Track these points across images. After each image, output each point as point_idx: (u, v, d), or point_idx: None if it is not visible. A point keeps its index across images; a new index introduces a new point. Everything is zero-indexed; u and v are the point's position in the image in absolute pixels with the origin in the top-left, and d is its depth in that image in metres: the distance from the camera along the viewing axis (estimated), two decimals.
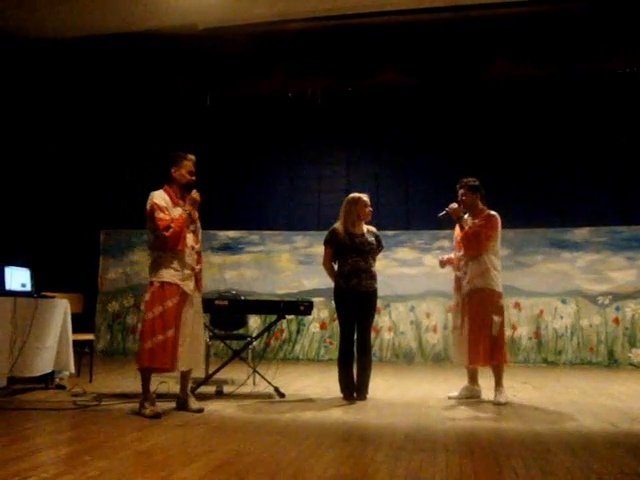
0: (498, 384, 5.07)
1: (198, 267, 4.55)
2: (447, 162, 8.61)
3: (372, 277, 5.17)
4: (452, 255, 5.45)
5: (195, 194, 4.54)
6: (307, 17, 7.31)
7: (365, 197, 5.28)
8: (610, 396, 5.48)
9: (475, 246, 5.06)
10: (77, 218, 9.13)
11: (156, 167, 8.78)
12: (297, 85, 8.53)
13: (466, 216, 5.27)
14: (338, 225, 5.21)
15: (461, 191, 5.23)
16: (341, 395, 5.11)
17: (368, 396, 5.18)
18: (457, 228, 5.34)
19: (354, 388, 5.09)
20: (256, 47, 7.69)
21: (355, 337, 5.17)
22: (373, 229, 5.34)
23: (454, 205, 5.21)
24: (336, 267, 5.26)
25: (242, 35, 7.55)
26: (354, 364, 5.15)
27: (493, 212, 5.20)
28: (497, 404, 4.92)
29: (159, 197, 4.43)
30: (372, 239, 5.22)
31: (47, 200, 8.85)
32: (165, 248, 4.35)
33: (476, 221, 5.13)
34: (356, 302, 5.11)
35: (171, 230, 4.31)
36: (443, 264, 5.44)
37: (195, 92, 8.72)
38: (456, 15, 7.15)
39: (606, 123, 8.49)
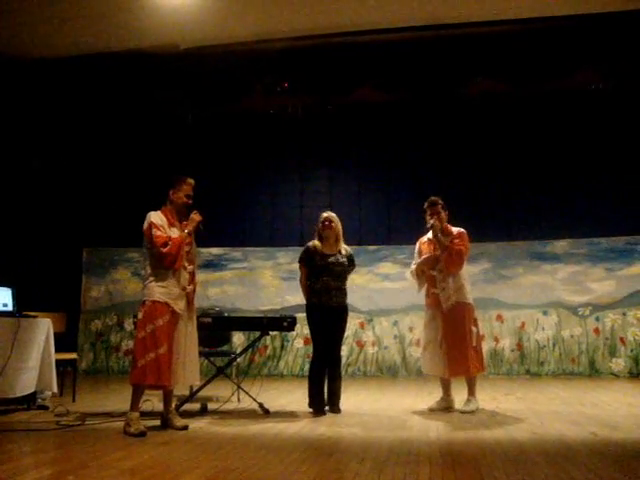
0: (471, 393, 5.25)
1: (190, 287, 4.61)
2: (428, 178, 8.71)
3: (343, 294, 5.31)
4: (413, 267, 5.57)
5: (196, 215, 4.61)
6: (287, 37, 7.40)
7: (325, 213, 5.42)
8: (591, 405, 5.56)
9: (459, 264, 5.25)
10: (59, 236, 9.08)
11: (138, 185, 8.84)
12: (278, 102, 8.62)
13: (430, 235, 5.42)
14: (310, 244, 5.37)
15: (436, 208, 5.34)
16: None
17: (352, 410, 5.24)
18: (424, 244, 5.47)
19: (324, 402, 5.18)
20: (237, 66, 7.76)
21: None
22: (348, 249, 5.44)
23: (436, 222, 5.31)
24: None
25: (223, 54, 7.63)
26: (325, 378, 5.24)
27: (461, 229, 5.40)
28: (464, 412, 5.09)
29: (156, 217, 4.53)
30: (344, 260, 5.33)
31: (28, 218, 8.79)
32: (162, 266, 4.42)
33: (456, 240, 5.28)
34: (327, 317, 5.22)
35: (168, 247, 4.39)
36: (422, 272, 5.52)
37: (177, 111, 8.77)
38: (434, 34, 7.28)
39: (582, 137, 8.65)
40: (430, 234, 5.40)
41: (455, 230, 5.38)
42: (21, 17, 7.02)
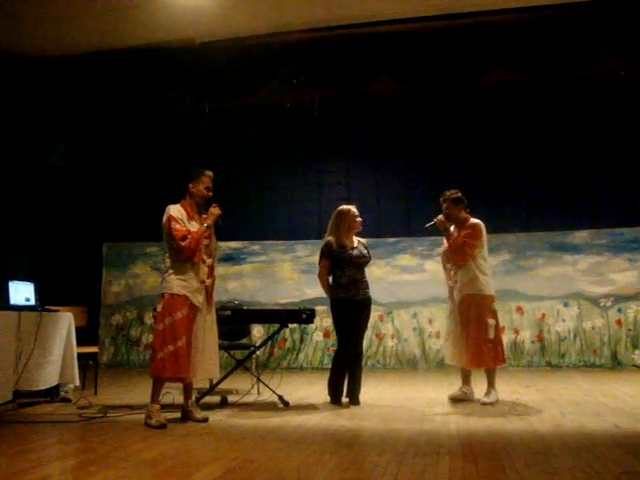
0: (490, 385, 5.23)
1: (209, 281, 4.62)
2: (446, 169, 8.64)
3: (367, 286, 5.32)
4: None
5: (215, 209, 4.62)
6: (303, 29, 7.38)
7: (354, 208, 5.38)
8: (613, 397, 5.50)
9: (461, 256, 5.25)
10: (80, 231, 9.18)
11: (158, 180, 8.89)
12: (294, 95, 8.59)
13: (452, 228, 5.43)
14: (331, 238, 5.30)
15: (445, 204, 5.38)
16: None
17: (372, 403, 5.26)
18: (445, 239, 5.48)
19: (342, 394, 5.20)
20: (253, 59, 7.75)
21: None
22: (363, 240, 5.44)
23: (441, 217, 5.37)
24: (330, 279, 5.33)
25: (239, 48, 7.62)
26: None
27: (477, 220, 5.39)
28: (484, 404, 5.07)
29: (175, 210, 4.55)
30: (365, 251, 5.34)
31: (50, 214, 8.90)
32: (181, 259, 4.45)
33: (466, 232, 5.28)
34: (355, 311, 5.21)
35: (187, 241, 4.41)
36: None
37: (194, 105, 8.79)
38: (450, 23, 7.21)
39: (604, 126, 8.52)
40: (452, 228, 5.40)
41: (470, 222, 5.34)
42: (37, 15, 7.08)
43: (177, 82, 8.17)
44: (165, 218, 4.53)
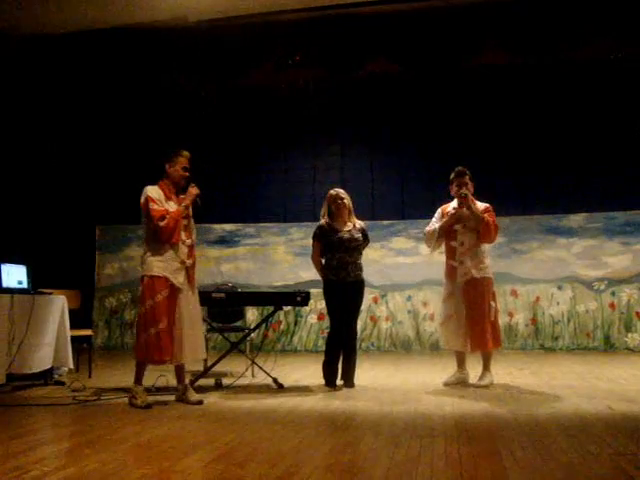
0: (486, 368, 5.23)
1: (189, 261, 4.56)
2: (442, 151, 8.61)
3: (359, 268, 5.30)
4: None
5: (193, 189, 4.57)
6: (297, 8, 7.30)
7: (337, 191, 5.36)
8: (607, 380, 5.52)
9: (494, 236, 5.21)
10: (72, 214, 9.12)
11: (151, 162, 8.80)
12: (289, 76, 8.52)
13: (454, 204, 5.30)
14: (323, 221, 5.34)
15: (463, 179, 5.23)
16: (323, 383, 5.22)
17: (366, 385, 5.26)
18: (447, 214, 5.31)
19: (337, 377, 5.20)
20: (247, 39, 7.68)
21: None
22: (361, 224, 5.42)
23: (467, 191, 5.20)
24: (323, 261, 5.33)
25: (233, 27, 7.55)
26: (340, 353, 5.25)
27: (487, 204, 5.31)
28: (479, 387, 5.08)
29: (152, 191, 4.52)
30: (358, 235, 5.30)
31: (42, 197, 8.83)
32: (159, 240, 4.41)
33: (485, 214, 5.18)
34: (346, 292, 5.21)
35: (165, 221, 4.37)
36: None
37: (188, 85, 8.70)
38: (446, 3, 7.14)
39: (599, 109, 8.50)
40: (454, 203, 5.29)
41: (481, 205, 5.26)
42: None
43: (170, 61, 8.09)
44: (142, 199, 4.49)
